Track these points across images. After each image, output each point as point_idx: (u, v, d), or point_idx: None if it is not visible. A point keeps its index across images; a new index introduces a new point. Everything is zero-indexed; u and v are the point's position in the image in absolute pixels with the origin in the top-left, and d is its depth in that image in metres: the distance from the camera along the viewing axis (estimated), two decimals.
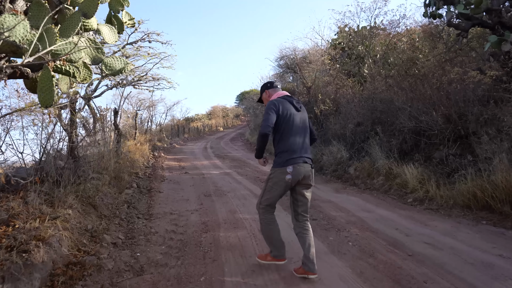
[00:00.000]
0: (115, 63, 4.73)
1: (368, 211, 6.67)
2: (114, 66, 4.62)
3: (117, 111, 10.55)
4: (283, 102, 4.01)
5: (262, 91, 4.41)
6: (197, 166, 13.32)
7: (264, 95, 4.36)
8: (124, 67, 4.66)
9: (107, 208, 6.34)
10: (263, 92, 4.38)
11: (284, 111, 3.93)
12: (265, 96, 4.36)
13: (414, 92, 10.44)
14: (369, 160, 10.45)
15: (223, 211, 6.63)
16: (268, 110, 3.91)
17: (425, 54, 12.44)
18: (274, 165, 3.99)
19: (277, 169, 3.95)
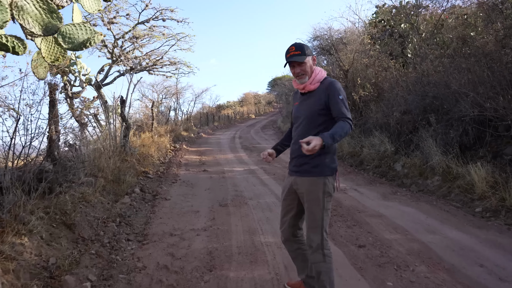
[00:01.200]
0: (77, 33, 3.28)
1: (433, 231, 4.98)
2: (75, 37, 3.21)
3: (124, 100, 9.12)
4: None
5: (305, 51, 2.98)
6: (219, 161, 11.80)
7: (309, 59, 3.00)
8: (90, 38, 3.21)
9: (90, 226, 4.90)
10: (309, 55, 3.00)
11: None
12: (309, 62, 3.00)
13: (475, 74, 8.55)
14: (420, 156, 8.72)
15: (240, 231, 5.08)
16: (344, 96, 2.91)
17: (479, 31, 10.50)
18: (326, 171, 2.92)
19: (330, 177, 2.93)
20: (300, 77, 2.97)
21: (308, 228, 2.93)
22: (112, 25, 11.09)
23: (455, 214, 5.82)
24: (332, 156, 2.96)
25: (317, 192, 2.87)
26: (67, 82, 11.71)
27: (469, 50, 9.84)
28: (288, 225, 3.16)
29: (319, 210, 2.87)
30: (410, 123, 10.17)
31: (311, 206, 2.90)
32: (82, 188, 5.86)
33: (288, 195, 3.14)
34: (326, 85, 2.92)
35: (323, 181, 2.88)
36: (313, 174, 2.90)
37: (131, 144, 9.57)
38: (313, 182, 2.89)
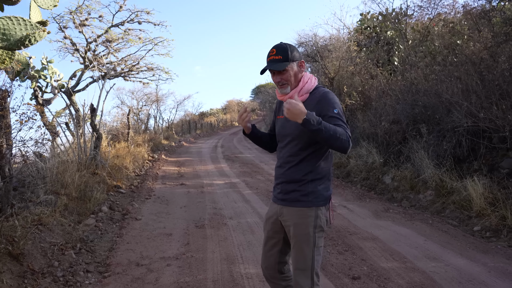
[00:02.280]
0: (14, 29, 2.63)
1: (434, 258, 4.44)
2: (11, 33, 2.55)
3: (94, 108, 8.44)
4: None
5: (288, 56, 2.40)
6: (199, 173, 11.12)
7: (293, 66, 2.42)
8: (30, 34, 2.54)
9: (43, 255, 4.23)
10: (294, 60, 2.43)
11: None
12: (293, 69, 2.43)
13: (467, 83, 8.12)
14: (411, 168, 8.24)
15: (217, 260, 4.45)
16: (340, 109, 2.36)
17: (465, 39, 10.16)
18: (318, 200, 2.39)
19: (323, 208, 2.41)
20: (281, 86, 2.45)
21: (295, 270, 2.40)
22: (84, 27, 10.43)
23: (454, 235, 5.31)
24: (327, 183, 2.45)
25: (307, 226, 2.36)
26: (37, 88, 10.98)
27: (455, 58, 9.48)
28: (273, 261, 2.61)
29: (309, 248, 2.35)
30: (399, 134, 9.71)
31: (300, 244, 2.38)
32: (40, 208, 5.18)
33: (272, 226, 2.60)
34: (318, 98, 2.39)
35: (315, 213, 2.37)
36: (303, 204, 2.38)
37: (102, 155, 8.89)
38: (303, 214, 2.37)
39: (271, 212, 2.61)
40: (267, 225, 2.65)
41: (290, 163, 2.43)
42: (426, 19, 13.41)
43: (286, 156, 2.47)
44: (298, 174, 2.40)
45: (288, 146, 2.47)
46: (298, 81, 2.45)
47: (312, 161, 2.40)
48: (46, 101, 11.63)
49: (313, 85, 2.46)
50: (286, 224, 2.46)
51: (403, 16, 13.45)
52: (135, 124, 18.97)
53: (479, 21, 9.52)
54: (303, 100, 2.38)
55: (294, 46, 2.49)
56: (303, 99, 2.40)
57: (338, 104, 2.35)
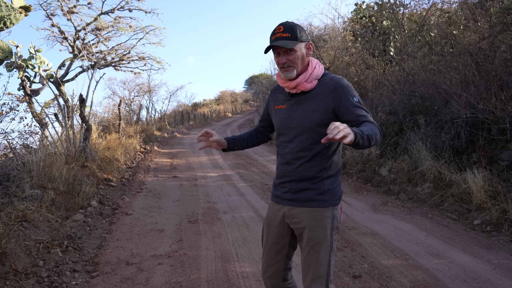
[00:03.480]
0: None
1: (437, 254, 4.27)
2: None
3: (83, 99, 8.16)
4: None
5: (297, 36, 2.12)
6: (192, 165, 10.89)
7: (301, 47, 2.15)
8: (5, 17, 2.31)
9: (27, 254, 4.01)
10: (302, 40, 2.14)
11: None
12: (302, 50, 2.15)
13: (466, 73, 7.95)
14: (408, 160, 8.06)
15: (211, 257, 4.25)
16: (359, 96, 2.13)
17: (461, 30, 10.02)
18: (334, 199, 2.16)
19: (337, 207, 2.18)
20: (286, 69, 2.14)
21: (309, 278, 2.11)
22: (73, 15, 10.10)
23: (455, 230, 5.15)
24: (339, 178, 2.23)
25: (324, 228, 2.12)
26: (25, 78, 10.67)
27: (451, 49, 9.31)
28: (278, 268, 2.33)
29: (326, 253, 2.11)
30: (396, 125, 9.55)
31: (317, 248, 2.11)
32: (25, 203, 4.95)
33: (277, 231, 2.30)
34: (332, 85, 2.12)
35: (332, 213, 2.14)
36: (319, 204, 2.14)
37: (92, 147, 8.63)
38: (319, 214, 2.13)
39: (273, 214, 2.31)
40: (270, 230, 2.34)
41: (301, 159, 2.17)
42: (422, 8, 13.21)
43: (296, 151, 2.20)
44: (312, 171, 2.16)
45: (296, 140, 2.20)
46: (306, 66, 2.18)
47: (326, 156, 2.16)
48: (34, 91, 11.32)
49: (322, 71, 2.20)
50: (297, 227, 2.20)
51: (399, 6, 13.24)
52: (126, 115, 18.67)
53: (476, 11, 9.34)
54: (311, 87, 2.16)
55: (302, 27, 2.20)
56: (311, 86, 2.16)
57: (355, 90, 2.12)
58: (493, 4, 8.80)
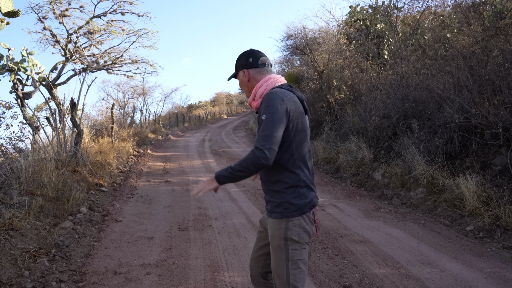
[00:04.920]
0: None
1: (428, 262, 4.23)
2: None
3: (74, 103, 8.08)
4: (292, 98, 2.31)
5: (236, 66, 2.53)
6: (185, 169, 10.82)
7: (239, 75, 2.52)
8: None
9: (13, 264, 3.94)
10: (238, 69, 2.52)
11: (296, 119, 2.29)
12: (240, 77, 2.53)
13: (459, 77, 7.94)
14: (402, 165, 8.03)
15: (200, 266, 4.19)
16: (274, 114, 2.20)
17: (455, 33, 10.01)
18: (288, 211, 2.27)
19: (296, 219, 2.26)
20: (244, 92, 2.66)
21: (274, 280, 2.34)
22: (65, 18, 10.00)
23: (447, 236, 5.11)
24: (297, 191, 2.29)
25: (277, 238, 2.28)
26: (17, 81, 10.56)
27: (445, 52, 9.30)
28: (257, 264, 2.56)
29: (281, 262, 2.26)
30: (390, 129, 9.53)
31: (274, 256, 2.31)
32: (12, 210, 4.88)
33: (262, 232, 2.55)
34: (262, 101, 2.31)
35: (285, 225, 2.26)
36: (275, 216, 2.30)
37: (84, 152, 8.55)
38: (275, 225, 2.29)
39: (263, 220, 2.54)
40: (260, 226, 2.57)
41: (263, 175, 2.40)
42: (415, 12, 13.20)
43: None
44: (267, 185, 2.37)
45: None
46: (252, 88, 2.46)
47: (275, 171, 2.31)
48: (27, 94, 11.22)
49: (266, 90, 2.36)
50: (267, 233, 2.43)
51: (393, 9, 13.23)
52: (120, 118, 18.56)
53: (469, 15, 9.33)
54: (257, 105, 2.37)
55: (246, 54, 2.48)
56: (257, 104, 2.38)
57: (269, 107, 2.20)
58: (486, 8, 8.80)
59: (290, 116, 2.24)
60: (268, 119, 2.17)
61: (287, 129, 2.24)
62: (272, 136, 2.14)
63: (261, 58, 2.47)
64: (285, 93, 2.29)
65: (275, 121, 2.17)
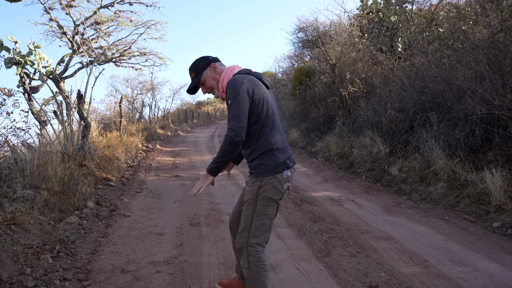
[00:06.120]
0: None
1: (459, 261, 3.92)
2: None
3: (81, 95, 7.83)
4: (251, 79, 2.72)
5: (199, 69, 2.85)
6: (195, 163, 10.56)
7: (207, 73, 2.85)
8: None
9: (14, 260, 3.69)
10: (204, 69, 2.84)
11: (259, 94, 2.67)
12: (208, 75, 2.84)
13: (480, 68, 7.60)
14: (420, 159, 7.70)
15: (213, 264, 3.92)
16: (237, 96, 2.58)
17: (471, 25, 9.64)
18: (260, 172, 2.68)
19: (267, 177, 2.67)
20: (212, 93, 2.89)
21: (240, 228, 2.77)
22: (71, 9, 9.76)
23: (475, 233, 4.79)
24: (271, 154, 2.67)
25: (251, 193, 2.70)
26: (24, 75, 10.36)
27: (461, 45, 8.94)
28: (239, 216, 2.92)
29: (249, 213, 2.70)
30: (406, 122, 9.18)
31: (245, 208, 2.74)
32: (16, 205, 4.63)
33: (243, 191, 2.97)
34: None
35: (259, 183, 2.67)
36: (251, 176, 2.74)
37: (91, 145, 8.31)
38: (251, 184, 2.72)
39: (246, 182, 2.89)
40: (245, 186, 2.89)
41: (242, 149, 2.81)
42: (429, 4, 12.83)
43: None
44: (247, 155, 2.77)
45: None
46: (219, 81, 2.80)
47: (250, 142, 2.69)
48: (34, 88, 11.03)
49: (228, 78, 2.71)
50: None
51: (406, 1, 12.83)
52: (129, 113, 18.33)
53: (486, 5, 8.96)
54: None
55: (202, 58, 2.86)
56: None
57: (232, 92, 2.56)
58: None
59: (253, 94, 2.60)
60: (233, 102, 2.54)
61: (253, 104, 2.61)
62: (239, 115, 2.51)
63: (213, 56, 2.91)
64: (243, 76, 2.66)
65: (239, 102, 2.53)
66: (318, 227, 5.02)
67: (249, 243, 2.67)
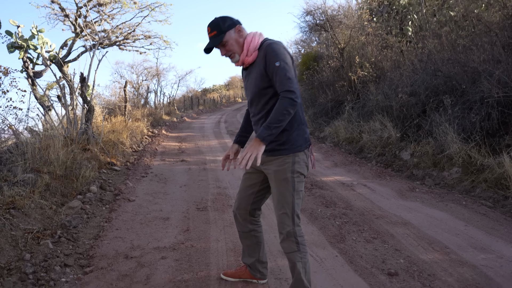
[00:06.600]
0: None
1: (482, 247, 3.70)
2: None
3: (84, 78, 7.61)
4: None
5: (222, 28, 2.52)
6: (201, 148, 10.34)
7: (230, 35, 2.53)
8: None
9: (13, 246, 3.52)
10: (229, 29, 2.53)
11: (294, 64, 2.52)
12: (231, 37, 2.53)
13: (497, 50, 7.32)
14: (433, 143, 7.45)
15: (222, 250, 3.72)
16: (286, 59, 2.41)
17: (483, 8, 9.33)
18: (291, 148, 2.53)
19: (300, 153, 2.55)
20: (231, 57, 2.58)
21: (278, 213, 2.57)
22: None
23: (495, 219, 4.56)
24: (300, 128, 2.56)
25: (285, 172, 2.51)
26: (27, 60, 10.15)
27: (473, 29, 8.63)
28: (246, 202, 2.83)
29: (288, 192, 2.52)
30: (418, 106, 8.91)
31: (280, 188, 2.53)
32: (16, 188, 4.45)
33: (253, 172, 2.80)
34: (263, 52, 2.46)
35: (292, 160, 2.52)
36: (281, 153, 2.53)
37: (95, 129, 8.11)
38: (281, 161, 2.53)
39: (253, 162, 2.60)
40: (249, 174, 2.83)
41: (261, 120, 2.57)
42: None
43: (256, 114, 2.62)
44: None
45: (254, 105, 2.61)
46: (242, 46, 2.53)
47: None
48: (37, 73, 10.83)
49: (258, 42, 2.51)
50: (268, 171, 2.61)
51: None
52: (133, 98, 18.12)
53: None
54: (254, 59, 2.52)
55: (226, 17, 2.55)
56: (253, 58, 2.52)
57: (281, 54, 2.39)
58: None
59: (292, 62, 2.45)
60: (284, 64, 2.35)
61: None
62: (294, 77, 2.36)
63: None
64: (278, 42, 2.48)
65: (289, 65, 2.37)
66: (330, 212, 4.81)
67: (296, 223, 2.52)
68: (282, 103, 2.30)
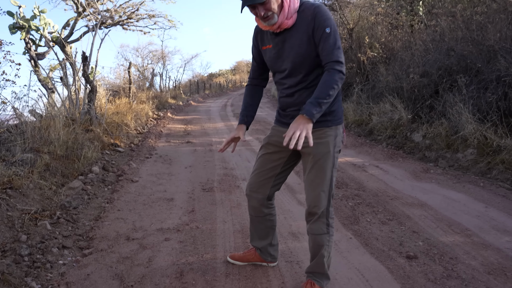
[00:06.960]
0: None
1: (505, 230, 3.48)
2: None
3: (86, 57, 7.38)
4: None
5: None
6: (207, 131, 10.13)
7: None
8: None
9: (10, 226, 3.34)
10: None
11: None
12: None
13: None
14: (446, 124, 7.19)
15: (229, 232, 3.52)
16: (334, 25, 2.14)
17: None
18: (336, 119, 2.31)
19: (340, 126, 2.34)
20: (267, 18, 2.15)
21: (314, 191, 2.29)
22: None
23: None
24: (339, 99, 2.34)
25: (328, 145, 2.28)
26: (29, 41, 9.94)
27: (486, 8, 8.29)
28: (266, 186, 2.53)
29: (329, 168, 2.28)
30: (430, 87, 8.62)
31: (321, 164, 2.27)
32: (14, 168, 4.27)
33: (275, 149, 2.47)
34: (312, 14, 2.16)
35: (335, 132, 2.30)
36: (322, 124, 2.26)
37: (98, 110, 7.91)
38: (323, 133, 2.28)
39: (277, 136, 2.42)
40: (269, 147, 2.50)
41: (299, 91, 2.30)
42: None
43: (293, 85, 2.31)
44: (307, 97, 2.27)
45: (292, 75, 2.30)
46: (281, 4, 2.15)
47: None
48: (40, 55, 10.63)
49: (298, 3, 2.21)
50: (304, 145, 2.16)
51: None
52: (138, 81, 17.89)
53: None
54: (293, 22, 2.21)
55: None
56: (292, 21, 2.20)
57: (331, 19, 2.15)
58: None
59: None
60: (334, 31, 2.12)
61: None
62: (341, 47, 2.13)
63: None
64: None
65: (337, 33, 2.14)
66: (342, 193, 4.59)
67: (331, 203, 2.34)
68: (332, 76, 2.08)
